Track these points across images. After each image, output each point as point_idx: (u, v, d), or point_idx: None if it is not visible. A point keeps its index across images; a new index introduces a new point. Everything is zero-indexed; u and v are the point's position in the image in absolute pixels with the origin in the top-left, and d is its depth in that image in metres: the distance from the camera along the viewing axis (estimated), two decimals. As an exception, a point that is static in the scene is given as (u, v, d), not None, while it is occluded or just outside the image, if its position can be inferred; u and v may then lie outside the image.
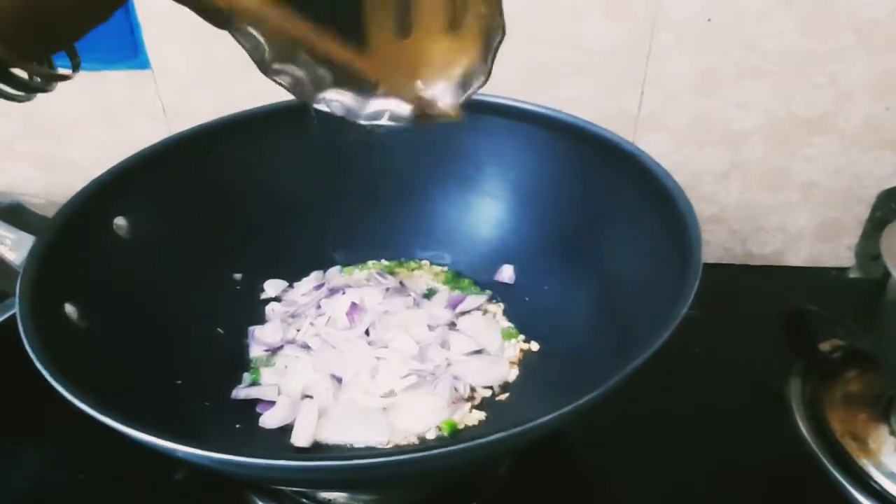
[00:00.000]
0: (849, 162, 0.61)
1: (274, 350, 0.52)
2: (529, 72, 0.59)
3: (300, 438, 0.46)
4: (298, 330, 0.53)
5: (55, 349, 0.35)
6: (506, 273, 0.56)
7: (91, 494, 0.48)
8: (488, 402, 0.48)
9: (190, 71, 0.62)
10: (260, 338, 0.53)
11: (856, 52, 0.56)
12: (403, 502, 0.46)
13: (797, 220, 0.65)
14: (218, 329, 0.52)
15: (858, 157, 0.61)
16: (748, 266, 0.68)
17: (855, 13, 0.54)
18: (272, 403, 0.48)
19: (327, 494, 0.44)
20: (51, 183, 0.69)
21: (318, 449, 0.46)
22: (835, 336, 0.52)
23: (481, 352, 0.51)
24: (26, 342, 0.35)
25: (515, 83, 0.59)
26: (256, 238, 0.56)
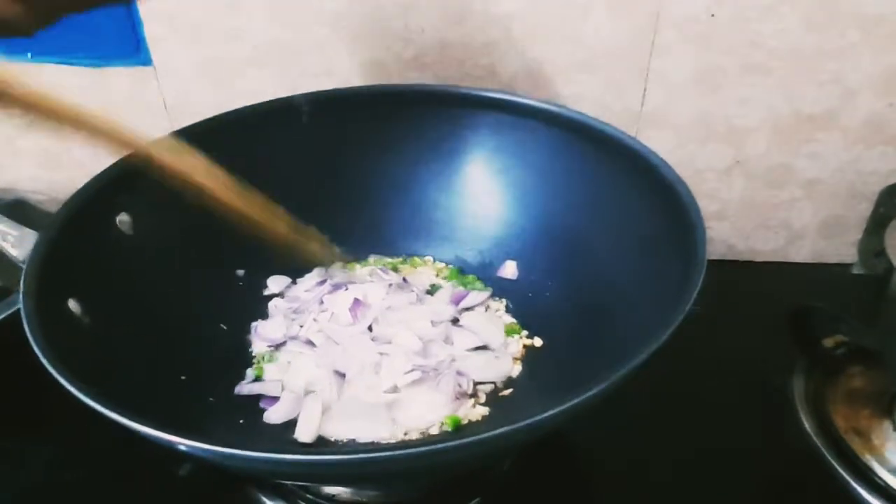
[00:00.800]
0: (852, 158, 0.61)
1: (277, 346, 0.52)
2: (533, 68, 0.59)
3: (304, 434, 0.46)
4: (301, 326, 0.53)
5: (60, 345, 0.35)
6: (509, 269, 0.56)
7: (94, 492, 0.48)
8: (491, 398, 0.49)
9: (191, 68, 0.62)
10: (263, 334, 0.53)
11: (860, 49, 0.56)
12: (406, 498, 0.46)
13: (800, 217, 0.65)
14: (221, 325, 0.53)
15: (862, 154, 0.61)
16: (751, 262, 0.68)
17: (859, 10, 0.54)
18: (276, 399, 0.48)
19: (331, 490, 0.44)
20: (54, 179, 0.69)
21: (322, 444, 0.46)
22: (838, 332, 0.52)
23: (485, 347, 0.51)
24: (31, 339, 0.35)
25: (519, 79, 0.59)
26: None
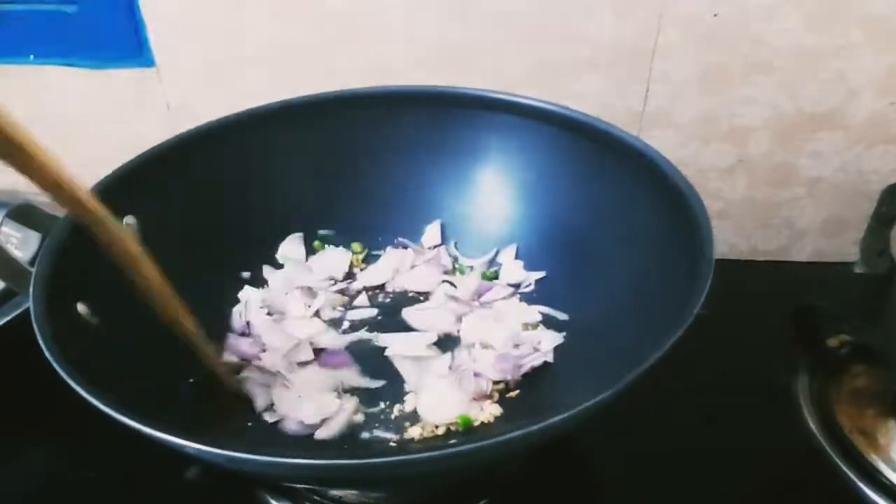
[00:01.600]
0: (854, 157, 0.61)
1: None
2: (535, 67, 0.59)
3: (309, 417, 0.46)
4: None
5: (70, 348, 0.35)
6: (514, 270, 0.56)
7: (101, 493, 0.48)
8: (502, 398, 0.48)
9: (194, 69, 0.62)
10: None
11: (862, 48, 0.56)
12: (413, 500, 0.46)
13: (802, 216, 0.65)
14: (228, 327, 0.52)
15: (864, 153, 0.61)
16: (753, 262, 0.68)
17: (862, 10, 0.54)
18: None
19: (338, 492, 0.45)
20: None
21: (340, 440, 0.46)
22: (842, 331, 0.52)
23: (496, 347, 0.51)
24: (42, 342, 0.35)
25: (521, 79, 0.59)
26: (265, 236, 0.56)
